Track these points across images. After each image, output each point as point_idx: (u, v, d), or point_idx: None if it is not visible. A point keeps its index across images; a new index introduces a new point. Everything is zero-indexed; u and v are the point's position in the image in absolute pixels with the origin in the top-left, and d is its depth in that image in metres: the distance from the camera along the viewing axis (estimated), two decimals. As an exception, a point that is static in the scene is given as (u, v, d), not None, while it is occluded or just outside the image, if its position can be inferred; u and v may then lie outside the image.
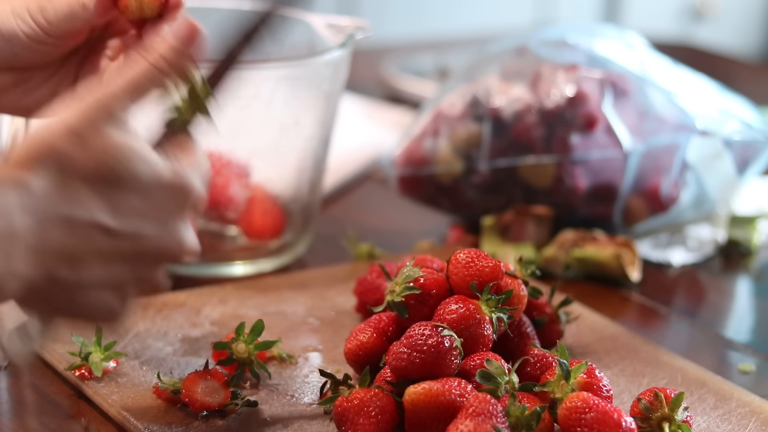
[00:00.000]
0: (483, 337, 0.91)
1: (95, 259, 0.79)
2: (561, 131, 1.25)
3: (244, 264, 1.19)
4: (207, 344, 1.01)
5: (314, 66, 1.17)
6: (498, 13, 3.14)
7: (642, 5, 3.35)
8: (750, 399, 0.98)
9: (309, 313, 1.09)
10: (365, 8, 2.98)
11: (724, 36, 3.38)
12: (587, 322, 1.09)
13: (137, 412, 0.91)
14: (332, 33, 1.21)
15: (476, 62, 1.33)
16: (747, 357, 1.09)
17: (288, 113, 1.17)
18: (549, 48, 1.31)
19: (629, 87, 1.28)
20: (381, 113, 1.67)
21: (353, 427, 0.87)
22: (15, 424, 0.92)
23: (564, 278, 1.21)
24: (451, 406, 0.86)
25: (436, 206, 1.32)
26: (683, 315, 1.18)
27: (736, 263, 1.30)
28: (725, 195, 1.32)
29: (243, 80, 1.10)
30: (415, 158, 1.29)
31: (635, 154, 1.25)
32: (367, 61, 1.83)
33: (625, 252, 1.21)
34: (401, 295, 0.93)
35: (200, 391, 0.91)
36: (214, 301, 1.09)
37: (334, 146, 1.26)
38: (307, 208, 1.22)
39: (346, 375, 0.92)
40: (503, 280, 0.94)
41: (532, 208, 1.25)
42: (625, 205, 1.27)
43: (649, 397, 0.89)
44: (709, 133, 1.27)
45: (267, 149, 1.18)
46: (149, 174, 0.79)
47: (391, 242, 1.28)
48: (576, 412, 0.86)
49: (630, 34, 1.38)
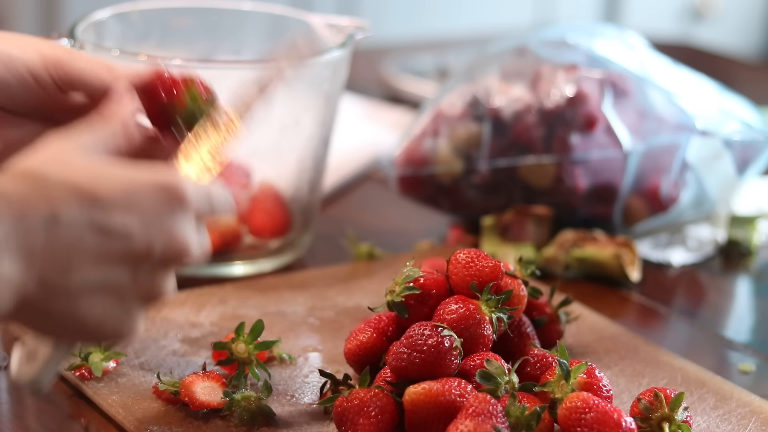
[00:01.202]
0: (483, 337, 0.91)
1: (87, 260, 0.77)
2: (561, 131, 1.25)
3: (244, 264, 1.19)
4: (207, 344, 1.01)
5: (314, 66, 1.17)
6: (498, 13, 3.14)
7: (642, 5, 3.35)
8: (750, 399, 0.98)
9: (309, 313, 1.09)
10: (365, 8, 2.98)
11: (724, 36, 3.38)
12: (587, 322, 1.09)
13: (137, 412, 0.91)
14: (332, 33, 1.21)
15: (476, 62, 1.33)
16: (747, 357, 1.09)
17: (288, 113, 1.17)
18: (549, 48, 1.31)
19: (629, 87, 1.28)
20: (381, 113, 1.67)
21: (353, 427, 0.87)
22: (15, 424, 0.92)
23: (564, 278, 1.21)
24: (451, 406, 0.86)
25: (436, 206, 1.32)
26: (683, 315, 1.18)
27: (736, 263, 1.30)
28: (725, 195, 1.32)
29: (243, 80, 1.11)
30: (415, 158, 1.30)
31: (635, 154, 1.25)
32: (367, 61, 1.83)
33: (625, 252, 1.21)
34: (401, 295, 0.93)
35: (200, 391, 0.91)
36: (214, 301, 1.09)
37: (334, 146, 1.26)
38: (307, 208, 1.22)
39: (346, 375, 0.92)
40: (503, 280, 0.94)
41: (532, 208, 1.25)
42: (625, 205, 1.27)
43: (649, 397, 0.89)
44: (709, 133, 1.27)
45: (267, 149, 1.18)
46: (132, 173, 0.79)
47: (391, 242, 1.28)
48: (576, 412, 0.86)
49: (630, 34, 1.38)
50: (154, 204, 0.79)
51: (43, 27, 2.71)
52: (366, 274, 1.17)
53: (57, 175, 0.77)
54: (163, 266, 0.81)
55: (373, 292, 1.13)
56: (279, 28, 1.28)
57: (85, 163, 0.79)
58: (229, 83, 1.15)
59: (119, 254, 0.78)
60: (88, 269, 0.78)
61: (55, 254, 0.76)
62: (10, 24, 2.67)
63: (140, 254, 0.79)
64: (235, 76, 1.14)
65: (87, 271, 0.77)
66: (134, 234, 0.78)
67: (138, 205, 0.79)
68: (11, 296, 0.75)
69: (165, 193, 0.80)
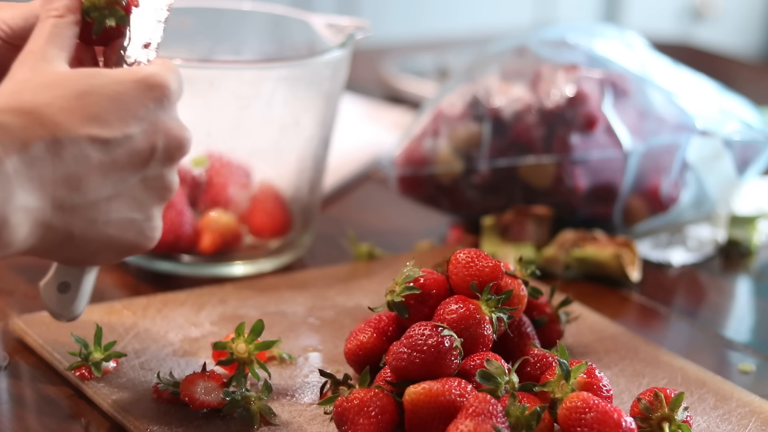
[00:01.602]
0: (483, 337, 0.91)
1: (96, 174, 0.79)
2: (561, 131, 1.25)
3: (244, 264, 1.19)
4: (207, 344, 1.01)
5: (314, 66, 1.17)
6: (498, 13, 3.14)
7: (642, 5, 3.35)
8: (750, 399, 0.98)
9: (309, 313, 1.09)
10: (365, 8, 2.98)
11: (724, 36, 3.38)
12: (587, 322, 1.09)
13: (137, 412, 0.91)
14: (332, 33, 1.21)
15: (476, 62, 1.33)
16: (747, 357, 1.09)
17: (288, 113, 1.17)
18: (549, 48, 1.31)
19: (629, 87, 1.28)
20: (381, 113, 1.67)
21: (353, 427, 0.87)
22: (15, 424, 0.92)
23: (564, 278, 1.21)
24: (451, 406, 0.86)
25: (436, 206, 1.32)
26: (683, 315, 1.18)
27: (736, 263, 1.30)
28: (725, 195, 1.32)
29: (243, 80, 1.11)
30: (415, 158, 1.30)
31: (635, 154, 1.25)
32: (367, 61, 1.83)
33: (625, 252, 1.21)
34: (401, 295, 0.93)
35: (200, 391, 0.91)
36: (214, 301, 1.09)
37: (334, 146, 1.26)
38: (307, 208, 1.22)
39: (346, 375, 0.92)
40: (503, 280, 0.94)
41: (532, 208, 1.25)
42: (625, 205, 1.28)
43: (649, 397, 0.89)
44: (709, 133, 1.27)
45: (267, 149, 1.18)
46: (113, 78, 0.81)
47: (391, 242, 1.28)
48: (576, 412, 0.86)
49: (630, 34, 1.38)
50: (144, 102, 0.81)
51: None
52: (366, 274, 1.17)
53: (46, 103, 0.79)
54: (168, 160, 0.83)
55: (373, 292, 1.13)
56: (279, 28, 1.28)
57: (63, 80, 0.80)
58: (229, 83, 1.15)
59: (125, 160, 0.80)
60: (100, 182, 0.80)
61: (65, 176, 0.78)
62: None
63: (145, 155, 0.81)
64: (235, 76, 1.15)
65: (98, 184, 0.80)
66: (134, 137, 0.80)
67: (129, 108, 0.81)
68: (33, 227, 0.78)
69: (150, 89, 0.82)
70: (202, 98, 1.14)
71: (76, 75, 0.82)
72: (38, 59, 0.83)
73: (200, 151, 1.16)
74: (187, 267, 1.17)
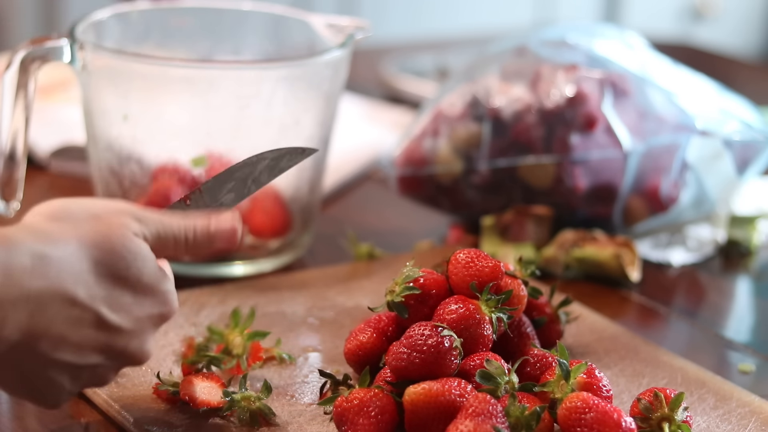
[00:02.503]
0: (483, 337, 0.91)
1: (76, 344, 0.81)
2: (561, 131, 1.25)
3: (244, 264, 1.19)
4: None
5: (314, 66, 1.17)
6: (498, 13, 3.14)
7: (642, 5, 3.35)
8: (750, 399, 0.98)
9: (309, 313, 1.09)
10: (365, 8, 2.98)
11: (724, 36, 3.38)
12: (587, 322, 1.09)
13: (137, 412, 0.91)
14: (332, 33, 1.21)
15: (476, 62, 1.33)
16: (747, 357, 1.09)
17: (288, 113, 1.17)
18: (549, 48, 1.31)
19: (629, 87, 1.28)
20: (381, 113, 1.67)
21: (353, 427, 0.87)
22: (15, 424, 0.92)
23: (564, 278, 1.21)
24: (451, 406, 0.86)
25: (436, 206, 1.32)
26: (683, 315, 1.18)
27: (736, 263, 1.30)
28: (725, 195, 1.32)
29: (243, 80, 1.10)
30: (415, 158, 1.30)
31: (635, 154, 1.25)
32: (367, 61, 1.83)
33: (625, 252, 1.21)
34: (401, 295, 0.93)
35: (200, 391, 0.91)
36: (214, 301, 1.09)
37: (334, 146, 1.26)
38: (307, 208, 1.22)
39: (346, 375, 0.92)
40: (503, 280, 0.94)
41: (532, 208, 1.25)
42: (625, 205, 1.27)
43: (649, 397, 0.89)
44: (709, 133, 1.27)
45: (267, 149, 1.18)
46: (152, 278, 0.84)
47: (391, 242, 1.28)
48: (576, 412, 0.86)
49: (630, 34, 1.38)
50: (151, 314, 0.85)
51: (43, 27, 2.71)
52: (366, 274, 1.17)
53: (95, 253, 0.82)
54: (123, 362, 0.86)
55: (373, 292, 1.13)
56: (279, 28, 1.28)
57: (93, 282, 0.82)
58: (229, 83, 1.15)
59: (103, 346, 0.83)
60: (73, 352, 0.82)
61: (56, 330, 0.80)
62: (10, 24, 2.68)
63: (116, 351, 0.84)
64: (234, 76, 1.15)
65: (71, 353, 0.82)
66: (125, 332, 0.84)
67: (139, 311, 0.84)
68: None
69: (162, 306, 0.85)
70: (202, 98, 1.14)
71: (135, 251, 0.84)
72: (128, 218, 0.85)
73: (200, 151, 1.16)
74: (187, 267, 1.17)
